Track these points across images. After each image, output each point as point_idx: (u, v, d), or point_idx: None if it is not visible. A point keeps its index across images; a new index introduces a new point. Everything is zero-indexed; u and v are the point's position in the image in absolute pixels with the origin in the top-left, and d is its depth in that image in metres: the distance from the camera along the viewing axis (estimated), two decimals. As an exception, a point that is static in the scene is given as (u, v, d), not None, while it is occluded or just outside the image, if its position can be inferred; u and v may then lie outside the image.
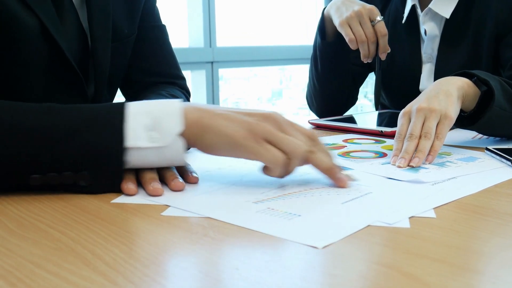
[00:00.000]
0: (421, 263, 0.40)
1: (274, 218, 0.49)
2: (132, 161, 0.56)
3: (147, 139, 0.56)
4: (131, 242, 0.44)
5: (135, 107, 0.57)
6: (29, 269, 0.39)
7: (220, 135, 0.57)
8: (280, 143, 0.57)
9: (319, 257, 0.41)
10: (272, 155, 0.57)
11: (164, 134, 0.56)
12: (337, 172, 0.60)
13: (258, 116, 0.58)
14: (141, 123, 0.56)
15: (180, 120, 0.56)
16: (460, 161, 0.74)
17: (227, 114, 0.58)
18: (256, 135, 0.56)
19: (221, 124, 0.57)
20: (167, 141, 0.56)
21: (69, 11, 0.76)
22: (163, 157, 0.57)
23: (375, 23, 1.04)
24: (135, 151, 0.56)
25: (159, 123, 0.56)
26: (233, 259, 0.41)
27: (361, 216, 0.50)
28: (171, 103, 0.58)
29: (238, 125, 0.57)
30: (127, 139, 0.55)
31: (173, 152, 0.57)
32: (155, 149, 0.56)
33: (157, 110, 0.57)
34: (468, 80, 0.81)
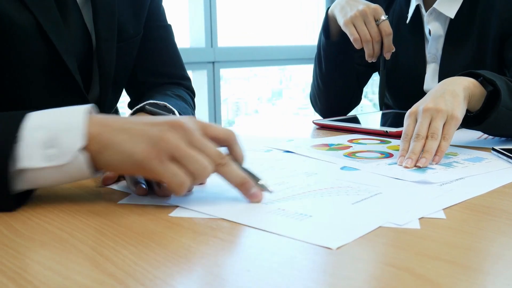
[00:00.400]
0: (433, 264, 0.39)
1: (285, 219, 0.49)
2: (29, 182, 0.51)
3: (43, 158, 0.49)
4: (140, 244, 0.44)
5: (32, 121, 0.50)
6: (38, 271, 0.38)
7: (119, 153, 0.50)
8: (186, 163, 0.50)
9: (331, 258, 0.41)
10: (178, 180, 0.50)
11: (62, 151, 0.50)
12: (249, 188, 0.54)
13: (164, 126, 0.51)
14: (37, 140, 0.49)
15: (80, 134, 0.50)
16: (467, 161, 0.74)
17: (130, 128, 0.51)
18: (159, 152, 0.49)
19: (122, 140, 0.50)
20: (66, 159, 0.50)
21: (72, 10, 0.75)
22: (65, 176, 0.51)
23: (379, 22, 1.04)
24: (31, 172, 0.50)
25: (57, 139, 0.50)
26: (244, 260, 0.40)
27: (372, 217, 0.49)
28: (72, 115, 0.51)
29: (140, 140, 0.50)
30: (21, 159, 0.49)
31: (76, 169, 0.50)
32: (55, 168, 0.50)
33: (55, 124, 0.50)
34: (474, 80, 0.81)
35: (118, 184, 0.62)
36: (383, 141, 0.90)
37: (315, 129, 1.08)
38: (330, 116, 1.17)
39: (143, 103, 0.75)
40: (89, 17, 0.78)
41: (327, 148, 0.84)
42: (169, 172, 0.50)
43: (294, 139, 0.93)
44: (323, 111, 1.25)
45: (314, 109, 1.29)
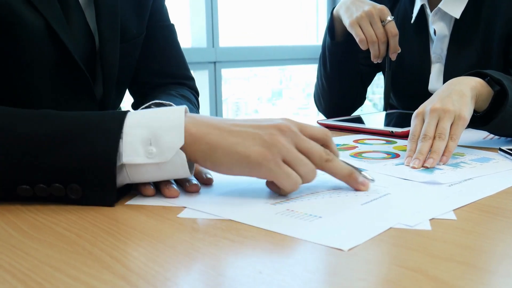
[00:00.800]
0: (447, 266, 0.39)
1: (295, 220, 0.48)
2: (130, 177, 0.53)
3: (144, 154, 0.52)
4: (150, 245, 0.43)
5: (133, 119, 0.53)
6: (48, 273, 0.38)
7: (232, 154, 0.53)
8: (298, 166, 0.54)
9: (343, 260, 0.40)
10: (293, 180, 0.53)
11: (163, 150, 0.52)
12: (357, 178, 0.58)
13: (274, 129, 0.54)
14: (138, 137, 0.52)
15: (181, 134, 0.52)
16: (474, 161, 0.73)
17: (237, 130, 0.53)
18: (274, 155, 0.52)
19: (232, 142, 0.53)
20: (166, 157, 0.52)
21: (75, 11, 0.75)
22: (163, 172, 0.54)
23: (385, 23, 1.04)
24: (132, 168, 0.53)
25: (158, 137, 0.52)
26: (255, 262, 0.40)
27: (382, 218, 0.49)
28: (172, 115, 0.53)
29: (254, 143, 0.53)
30: (124, 154, 0.52)
31: (174, 167, 0.53)
32: (155, 165, 0.53)
33: (156, 122, 0.53)
34: (481, 80, 0.81)
35: (124, 184, 0.62)
36: (389, 142, 0.89)
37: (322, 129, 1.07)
38: (333, 116, 1.16)
39: (149, 103, 0.75)
40: (92, 18, 0.77)
41: (333, 149, 0.83)
42: (285, 173, 0.53)
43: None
44: (327, 111, 1.24)
45: (318, 109, 1.28)
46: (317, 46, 2.75)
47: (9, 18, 0.67)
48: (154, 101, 0.75)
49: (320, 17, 2.85)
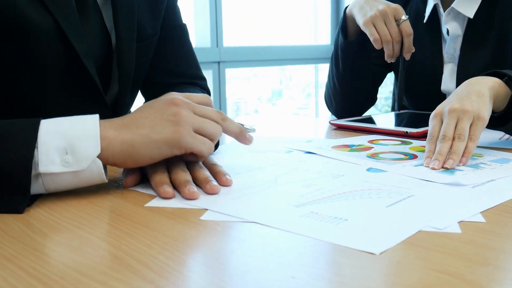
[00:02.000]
0: (484, 271, 0.38)
1: (321, 223, 0.47)
2: (45, 186, 0.53)
3: (61, 163, 0.52)
4: (176, 249, 0.42)
5: (48, 127, 0.52)
6: (75, 278, 0.37)
7: (150, 144, 0.55)
8: (206, 130, 0.58)
9: (376, 264, 0.39)
10: (208, 146, 0.58)
11: (79, 158, 0.53)
12: (245, 134, 0.64)
13: (170, 107, 0.57)
14: (55, 146, 0.52)
15: (97, 142, 0.53)
16: (493, 162, 0.72)
17: (143, 122, 0.56)
18: (186, 128, 0.56)
19: (145, 133, 0.55)
20: (83, 166, 0.53)
21: (92, 10, 0.74)
22: (80, 180, 0.54)
23: (400, 22, 1.02)
24: (48, 176, 0.52)
25: (74, 146, 0.52)
26: (287, 267, 0.39)
27: (410, 220, 0.48)
28: (87, 122, 0.54)
29: (162, 126, 0.56)
30: (40, 164, 0.51)
31: (91, 174, 0.54)
32: (71, 173, 0.53)
33: (71, 131, 0.53)
34: (499, 80, 0.80)
35: (142, 186, 0.61)
36: (404, 142, 0.88)
37: (330, 129, 1.06)
38: (345, 116, 1.15)
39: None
40: (108, 17, 0.76)
41: (348, 149, 0.82)
42: (199, 141, 0.57)
43: (313, 140, 0.91)
44: (338, 112, 1.23)
45: (329, 109, 1.27)
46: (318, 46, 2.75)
47: (18, 19, 0.66)
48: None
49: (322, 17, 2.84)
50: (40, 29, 0.67)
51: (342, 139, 0.93)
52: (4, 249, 0.42)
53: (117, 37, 0.76)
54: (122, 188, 0.60)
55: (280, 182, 0.62)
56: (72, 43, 0.69)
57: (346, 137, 0.96)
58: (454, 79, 1.11)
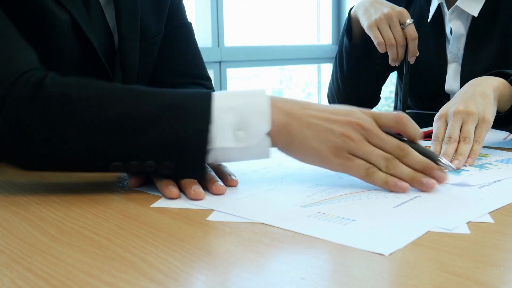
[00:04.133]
0: (495, 272, 0.38)
1: (328, 223, 0.47)
2: (216, 158, 0.56)
3: (233, 139, 0.55)
4: (183, 249, 0.42)
5: (221, 102, 0.55)
6: (82, 279, 0.37)
7: (307, 148, 0.57)
8: (366, 157, 0.57)
9: (386, 265, 0.39)
10: (362, 170, 0.57)
11: (251, 134, 0.55)
12: (418, 181, 0.57)
13: (344, 125, 0.56)
14: (228, 121, 0.55)
15: (267, 120, 0.55)
16: (499, 163, 0.72)
17: (314, 123, 0.56)
18: (343, 151, 0.56)
19: (308, 136, 0.56)
20: (254, 142, 0.55)
21: (95, 9, 0.73)
22: (248, 154, 0.57)
23: (405, 26, 1.02)
24: (220, 150, 0.55)
25: (245, 122, 0.55)
26: (295, 268, 0.38)
27: (419, 221, 0.48)
28: (257, 99, 0.56)
29: (324, 138, 0.56)
30: (214, 139, 0.54)
31: (259, 150, 0.56)
32: (241, 148, 0.56)
33: (243, 107, 0.55)
34: (504, 80, 0.79)
35: (147, 186, 0.60)
36: (409, 142, 0.88)
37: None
38: (348, 116, 1.15)
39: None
40: (111, 17, 0.76)
41: (352, 149, 0.82)
42: (354, 165, 0.57)
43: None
44: (342, 112, 1.22)
45: (332, 110, 1.27)
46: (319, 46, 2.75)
47: (38, 11, 0.66)
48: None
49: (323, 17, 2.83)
50: (60, 23, 0.68)
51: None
52: (11, 250, 0.42)
53: (120, 36, 0.76)
54: (127, 189, 0.60)
55: (286, 182, 0.62)
56: (88, 37, 0.70)
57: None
58: (458, 79, 1.11)
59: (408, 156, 0.58)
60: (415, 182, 0.57)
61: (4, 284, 0.36)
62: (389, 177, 0.56)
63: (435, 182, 0.57)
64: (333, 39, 2.77)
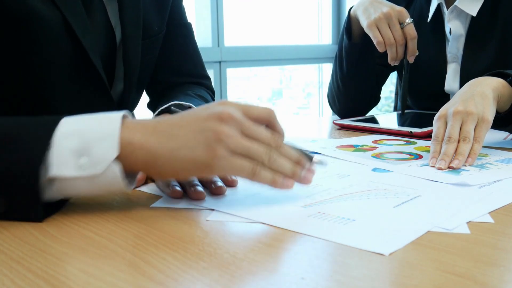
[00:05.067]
0: (495, 272, 0.38)
1: (329, 223, 0.47)
2: (60, 191, 0.49)
3: (74, 166, 0.47)
4: (183, 249, 0.42)
5: (65, 127, 0.48)
6: (83, 279, 0.37)
7: (176, 161, 0.48)
8: (248, 154, 0.50)
9: (386, 265, 0.39)
10: (248, 170, 0.50)
11: (94, 161, 0.47)
12: (298, 176, 0.53)
13: (213, 121, 0.49)
14: (68, 147, 0.47)
15: (115, 144, 0.47)
16: (499, 162, 0.72)
17: (176, 133, 0.49)
18: (221, 150, 0.48)
19: (173, 147, 0.48)
20: (98, 169, 0.47)
21: (97, 7, 0.73)
22: (97, 186, 0.48)
23: (404, 25, 1.02)
24: (63, 181, 0.47)
25: (89, 147, 0.47)
26: (296, 267, 0.38)
27: (419, 221, 0.48)
28: (107, 123, 0.49)
29: (195, 143, 0.48)
30: (52, 167, 0.47)
31: (108, 180, 0.48)
32: (87, 178, 0.48)
33: (89, 131, 0.48)
34: (503, 81, 0.79)
35: (147, 186, 0.60)
36: (409, 142, 0.88)
37: (334, 129, 1.06)
38: (348, 116, 1.15)
39: (168, 104, 0.73)
40: (113, 14, 0.76)
41: (352, 149, 0.82)
42: (237, 166, 0.49)
43: (318, 140, 0.91)
44: (342, 112, 1.23)
45: (332, 109, 1.27)
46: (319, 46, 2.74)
47: (25, 12, 0.66)
48: (174, 102, 0.74)
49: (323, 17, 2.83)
50: (48, 24, 0.67)
51: (346, 139, 0.93)
52: (12, 250, 0.42)
53: (123, 33, 0.76)
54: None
55: (286, 182, 0.61)
56: (79, 38, 0.69)
57: (350, 137, 0.96)
58: (457, 79, 1.11)
59: (283, 147, 0.53)
60: (296, 176, 0.52)
61: (4, 284, 0.36)
62: (276, 176, 0.51)
63: (311, 176, 0.54)
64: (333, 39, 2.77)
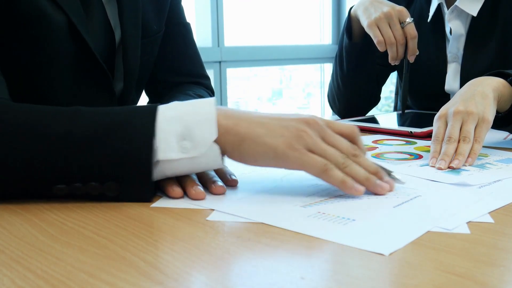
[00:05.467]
0: (495, 272, 0.38)
1: (328, 223, 0.47)
2: (164, 172, 0.53)
3: (179, 149, 0.52)
4: (183, 249, 0.42)
5: (165, 113, 0.53)
6: (82, 279, 0.37)
7: (259, 145, 0.53)
8: (322, 153, 0.54)
9: (386, 265, 0.39)
10: (318, 166, 0.53)
11: (197, 144, 0.52)
12: (372, 182, 0.55)
13: (298, 122, 0.54)
14: (172, 132, 0.52)
15: (214, 127, 0.53)
16: (499, 162, 0.72)
17: (265, 122, 0.54)
18: (299, 145, 0.53)
19: (260, 133, 0.53)
20: (200, 151, 0.52)
21: (96, 7, 0.74)
22: (197, 165, 0.54)
23: (404, 25, 1.02)
24: (167, 163, 0.52)
25: (191, 131, 0.52)
26: (295, 267, 0.38)
27: (418, 221, 0.48)
28: (203, 107, 0.54)
29: (278, 134, 0.53)
30: (158, 151, 0.52)
31: (208, 160, 0.53)
32: (189, 159, 0.53)
33: (188, 116, 0.53)
34: (503, 81, 0.79)
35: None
36: (409, 142, 0.88)
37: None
38: (348, 116, 1.15)
39: (169, 104, 0.73)
40: (113, 14, 0.76)
41: (352, 149, 0.82)
42: (310, 159, 0.53)
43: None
44: (342, 112, 1.23)
45: (332, 109, 1.27)
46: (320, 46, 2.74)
47: (33, 13, 0.66)
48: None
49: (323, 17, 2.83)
50: (54, 24, 0.68)
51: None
52: (12, 250, 0.42)
53: (123, 33, 0.76)
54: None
55: (286, 182, 0.61)
56: (84, 36, 0.70)
57: (350, 137, 0.95)
58: (457, 79, 1.11)
59: (361, 158, 0.56)
60: (369, 182, 0.55)
61: (4, 284, 0.36)
62: (347, 177, 0.54)
63: (388, 186, 0.56)
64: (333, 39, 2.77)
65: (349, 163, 0.55)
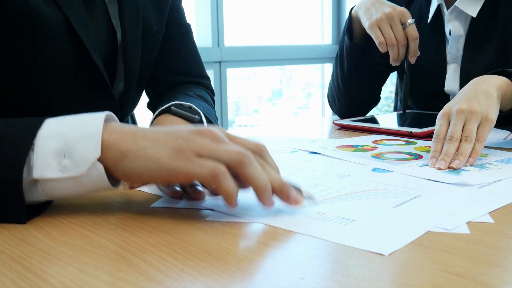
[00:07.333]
0: (495, 272, 0.38)
1: (328, 223, 0.47)
2: (47, 193, 0.48)
3: (57, 168, 0.46)
4: (183, 250, 0.42)
5: (50, 127, 0.47)
6: (82, 279, 0.37)
7: (142, 159, 0.47)
8: (215, 155, 0.47)
9: (386, 265, 0.39)
10: (208, 169, 0.46)
11: (77, 162, 0.46)
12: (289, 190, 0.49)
13: (189, 132, 0.48)
14: (51, 148, 0.46)
15: (97, 144, 0.47)
16: (499, 163, 0.72)
17: (151, 136, 0.48)
18: (185, 152, 0.46)
19: (143, 146, 0.47)
20: (80, 171, 0.46)
21: (99, 7, 0.74)
22: (84, 187, 0.48)
23: (406, 26, 1.02)
24: (47, 183, 0.47)
25: (71, 148, 0.46)
26: (295, 267, 0.38)
27: (418, 221, 0.48)
28: (89, 122, 0.48)
29: (162, 145, 0.47)
30: (34, 168, 0.46)
31: (93, 180, 0.47)
32: (71, 179, 0.47)
33: (72, 132, 0.47)
34: (507, 79, 0.79)
35: (147, 186, 0.60)
36: (409, 142, 0.88)
37: (334, 129, 1.06)
38: (348, 116, 1.15)
39: (168, 104, 0.73)
40: (114, 13, 0.76)
41: (352, 149, 0.82)
42: (197, 165, 0.46)
43: (317, 140, 0.91)
44: (342, 112, 1.23)
45: (332, 110, 1.27)
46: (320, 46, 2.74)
47: (28, 14, 0.66)
48: (174, 102, 0.74)
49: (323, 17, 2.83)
50: (50, 24, 0.68)
51: (346, 139, 0.93)
52: (11, 250, 0.42)
53: (123, 33, 0.76)
54: (127, 189, 0.60)
55: (286, 182, 0.61)
56: (82, 39, 0.69)
57: (350, 137, 0.96)
58: (457, 79, 1.10)
59: (267, 156, 0.51)
60: (283, 191, 0.49)
61: (4, 284, 0.36)
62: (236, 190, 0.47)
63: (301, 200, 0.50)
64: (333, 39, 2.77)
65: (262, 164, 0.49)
